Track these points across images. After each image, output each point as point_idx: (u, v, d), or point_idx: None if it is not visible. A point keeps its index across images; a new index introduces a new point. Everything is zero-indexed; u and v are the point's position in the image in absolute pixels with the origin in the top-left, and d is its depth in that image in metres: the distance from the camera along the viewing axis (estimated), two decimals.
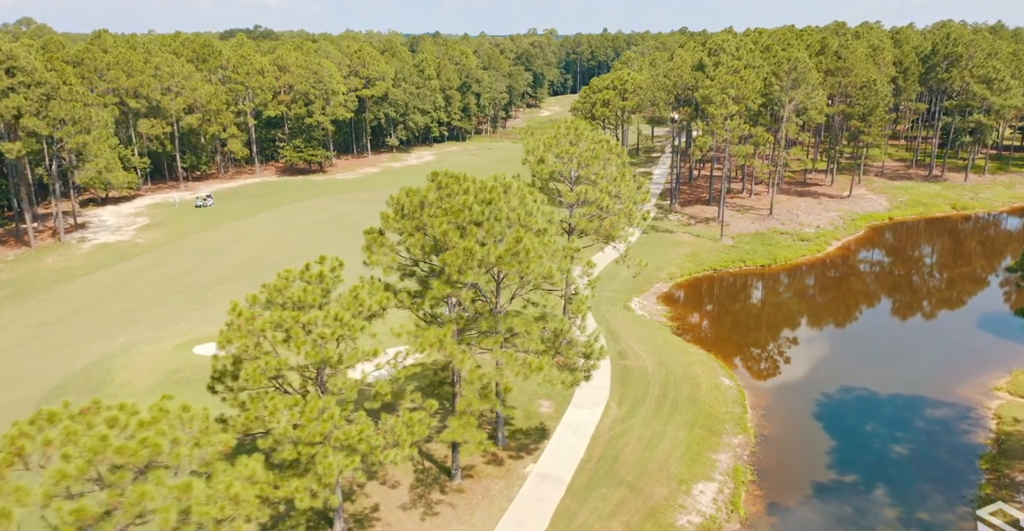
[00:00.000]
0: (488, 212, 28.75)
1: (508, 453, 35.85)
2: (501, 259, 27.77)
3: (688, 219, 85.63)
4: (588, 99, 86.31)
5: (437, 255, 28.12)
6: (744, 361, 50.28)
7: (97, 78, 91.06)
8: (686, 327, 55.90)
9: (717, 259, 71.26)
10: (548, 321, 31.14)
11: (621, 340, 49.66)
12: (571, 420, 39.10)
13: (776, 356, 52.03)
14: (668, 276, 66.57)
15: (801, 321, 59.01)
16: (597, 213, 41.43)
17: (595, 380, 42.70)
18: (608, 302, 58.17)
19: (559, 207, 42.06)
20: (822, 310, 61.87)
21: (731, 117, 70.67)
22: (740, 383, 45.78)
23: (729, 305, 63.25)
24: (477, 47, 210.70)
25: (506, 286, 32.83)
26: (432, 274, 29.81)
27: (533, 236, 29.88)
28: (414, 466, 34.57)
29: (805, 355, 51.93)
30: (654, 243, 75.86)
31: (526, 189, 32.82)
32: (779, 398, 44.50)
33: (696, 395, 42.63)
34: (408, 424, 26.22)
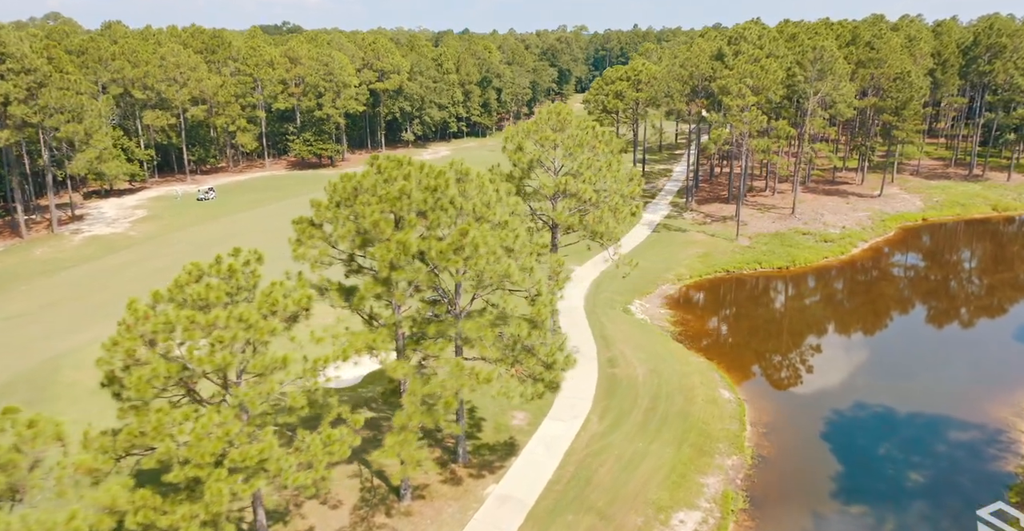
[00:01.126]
0: (433, 201, 25.23)
1: (469, 471, 32.28)
2: (443, 254, 24.22)
3: (704, 218, 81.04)
4: (601, 91, 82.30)
5: (371, 248, 24.67)
6: (749, 372, 45.95)
7: (101, 68, 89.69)
8: (689, 333, 51.68)
9: (730, 260, 66.73)
10: (507, 326, 27.50)
11: (613, 346, 45.72)
12: (545, 434, 35.39)
13: (785, 367, 47.58)
14: (676, 277, 62.31)
15: (817, 329, 54.35)
16: (580, 206, 37.63)
17: (578, 390, 38.97)
18: (606, 304, 54.22)
19: (543, 201, 38.39)
20: (842, 317, 57.07)
21: (748, 108, 66.03)
22: (741, 396, 41.54)
23: (739, 310, 58.79)
24: (502, 43, 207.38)
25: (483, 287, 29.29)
26: (372, 270, 26.40)
27: (487, 230, 26.29)
28: (361, 483, 31.21)
29: (818, 367, 47.40)
30: (664, 242, 71.56)
31: (488, 177, 29.26)
32: (784, 415, 40.18)
33: (689, 409, 38.56)
34: (327, 443, 22.83)
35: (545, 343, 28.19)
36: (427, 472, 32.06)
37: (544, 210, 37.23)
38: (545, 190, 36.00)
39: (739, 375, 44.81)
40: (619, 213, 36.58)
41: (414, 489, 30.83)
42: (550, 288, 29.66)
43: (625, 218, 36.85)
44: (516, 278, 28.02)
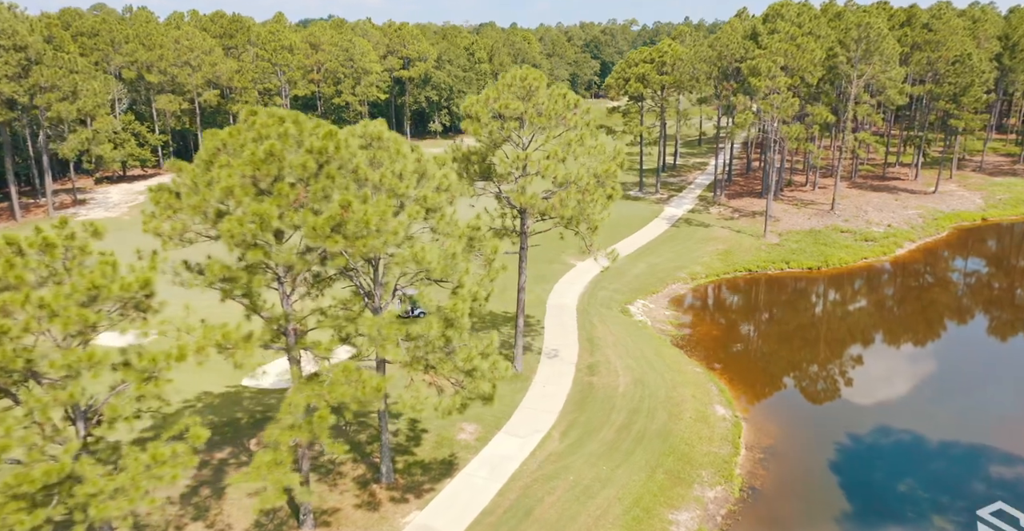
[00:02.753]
0: (316, 166, 20.40)
1: (392, 493, 27.39)
2: (316, 232, 19.35)
3: (732, 213, 74.30)
4: (622, 74, 76.35)
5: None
6: (754, 385, 39.81)
7: (113, 51, 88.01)
8: (693, 338, 45.70)
9: (754, 258, 60.14)
10: (416, 324, 22.48)
11: (598, 351, 40.17)
12: (493, 452, 30.23)
13: (799, 382, 41.23)
14: (689, 276, 56.16)
15: (845, 340, 47.63)
16: (551, 190, 32.28)
17: (545, 400, 33.76)
18: (602, 303, 48.60)
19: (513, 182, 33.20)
20: (877, 327, 50.12)
21: (777, 91, 59.28)
22: (739, 414, 35.57)
23: (755, 314, 52.35)
24: (543, 34, 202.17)
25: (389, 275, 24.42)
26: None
27: (387, 205, 21.31)
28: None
29: (840, 384, 40.94)
30: (682, 237, 65.33)
31: (406, 144, 24.29)
32: (789, 438, 34.10)
33: (672, 427, 32.86)
34: (151, 464, 18.23)
35: (465, 345, 23.06)
36: (342, 493, 27.32)
37: (511, 192, 32.00)
38: (501, 166, 30.79)
39: (741, 389, 38.74)
40: (589, 194, 31.08)
41: (321, 513, 26.12)
42: (481, 280, 24.48)
43: (598, 201, 31.30)
44: (433, 266, 23.05)
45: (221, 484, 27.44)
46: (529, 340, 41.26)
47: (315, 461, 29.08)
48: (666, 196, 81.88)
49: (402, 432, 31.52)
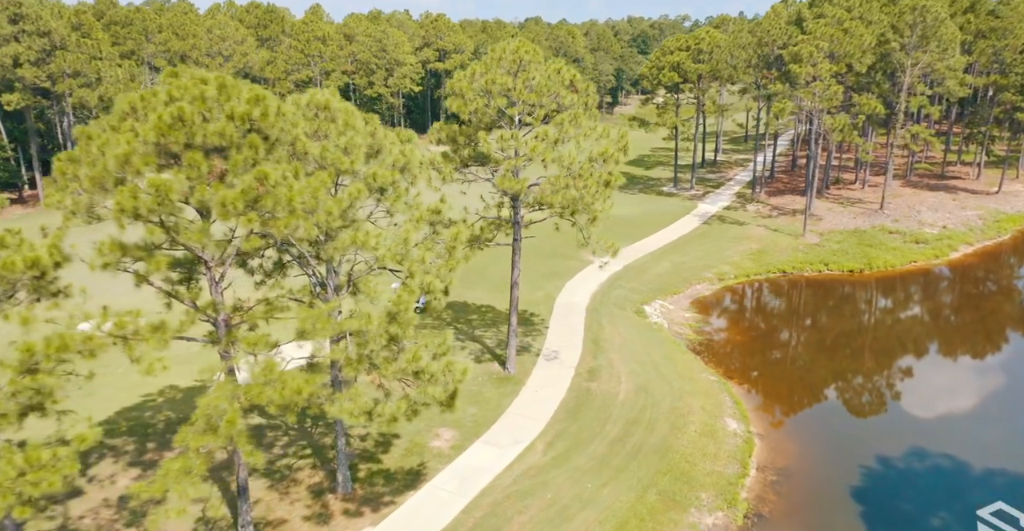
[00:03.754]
0: (239, 135, 17.84)
1: (347, 505, 24.76)
2: (227, 208, 16.77)
3: (770, 210, 69.69)
4: (656, 63, 72.40)
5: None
6: (774, 398, 35.97)
7: (145, 40, 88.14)
8: (712, 343, 41.94)
9: (790, 259, 55.74)
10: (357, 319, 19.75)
11: (602, 354, 36.87)
12: (467, 463, 27.34)
13: (827, 396, 37.15)
14: (716, 276, 52.20)
15: (884, 350, 43.19)
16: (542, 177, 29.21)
17: (535, 406, 30.78)
18: (616, 303, 45.17)
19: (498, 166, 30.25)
20: (922, 337, 45.46)
21: (819, 78, 54.73)
22: (753, 430, 31.86)
23: (785, 319, 48.16)
24: (589, 29, 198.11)
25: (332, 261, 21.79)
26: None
27: (321, 181, 18.66)
28: (203, 512, 24.29)
29: (873, 400, 36.79)
30: (713, 235, 61.23)
31: (360, 116, 21.59)
32: (809, 459, 30.29)
33: (673, 442, 29.42)
34: (28, 469, 15.92)
35: (413, 343, 20.23)
36: (292, 502, 24.81)
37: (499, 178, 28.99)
38: (485, 146, 27.81)
39: (760, 401, 34.96)
40: (582, 180, 27.83)
41: (264, 525, 23.67)
42: (438, 269, 21.60)
43: (591, 187, 28.03)
44: (381, 253, 20.32)
45: None
46: (529, 340, 38.22)
47: (270, 466, 26.69)
48: (701, 192, 77.61)
49: (372, 437, 28.91)
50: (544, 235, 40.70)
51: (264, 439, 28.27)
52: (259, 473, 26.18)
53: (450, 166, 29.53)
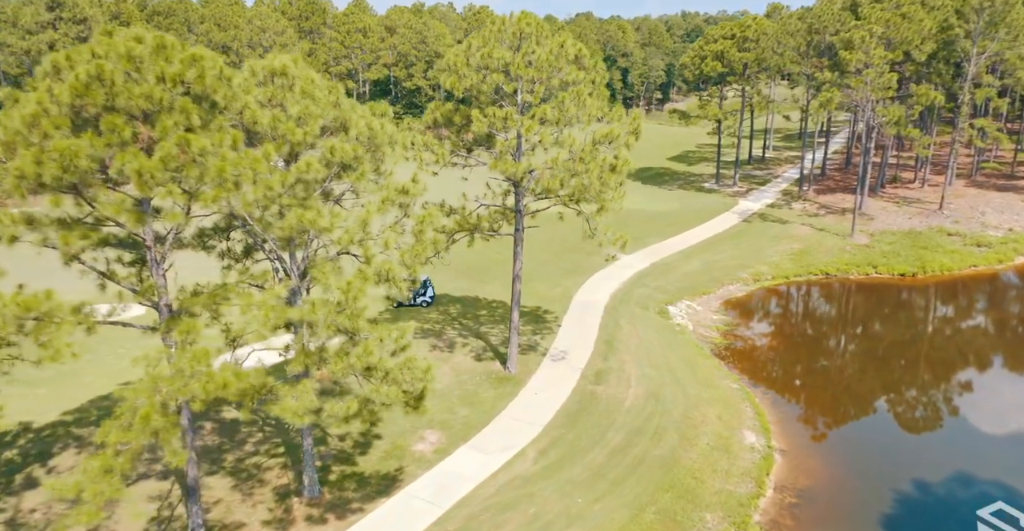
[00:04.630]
0: (170, 99, 16.02)
1: (311, 511, 22.84)
2: (144, 177, 14.93)
3: (818, 209, 65.45)
4: (699, 52, 68.79)
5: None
6: (801, 410, 32.72)
7: (187, 31, 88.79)
8: (739, 348, 38.75)
9: (835, 260, 51.82)
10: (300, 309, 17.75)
11: (614, 355, 34.18)
12: (449, 469, 25.13)
13: (863, 410, 33.67)
14: (751, 277, 48.76)
15: (933, 362, 39.28)
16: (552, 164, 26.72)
17: (533, 410, 28.50)
18: (638, 302, 42.31)
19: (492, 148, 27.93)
20: (979, 348, 41.29)
21: (871, 65, 50.63)
22: (775, 445, 28.77)
23: (822, 324, 44.48)
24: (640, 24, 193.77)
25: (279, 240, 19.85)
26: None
27: (265, 152, 16.74)
28: (158, 511, 22.70)
29: (917, 417, 33.21)
30: (751, 234, 57.61)
31: (322, 85, 19.61)
32: (835, 480, 27.10)
33: (680, 455, 26.63)
34: None
35: (367, 337, 18.11)
36: (254, 505, 23.03)
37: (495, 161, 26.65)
38: (477, 125, 25.46)
39: (784, 413, 31.76)
40: (583, 164, 25.25)
41: (221, 529, 21.93)
42: (403, 255, 19.42)
43: (593, 172, 25.42)
44: (337, 235, 18.29)
45: None
46: (537, 339, 35.79)
47: (238, 464, 25.00)
48: (744, 189, 73.67)
49: (351, 436, 26.95)
50: (568, 229, 38.27)
51: (237, 435, 26.63)
52: (224, 471, 24.53)
53: (444, 148, 27.33)
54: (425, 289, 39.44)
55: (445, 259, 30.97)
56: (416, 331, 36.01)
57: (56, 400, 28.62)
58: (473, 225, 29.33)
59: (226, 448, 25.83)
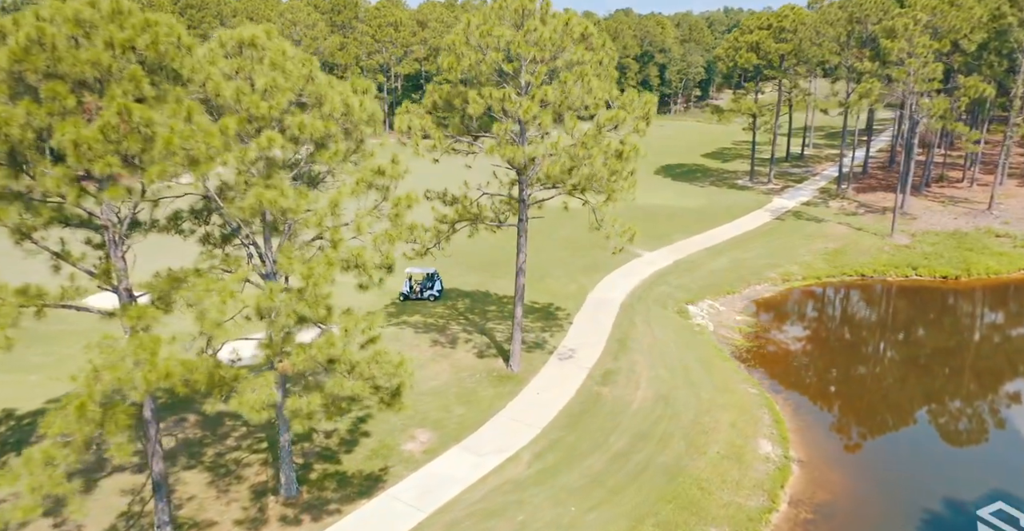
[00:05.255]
0: (118, 66, 14.92)
1: (287, 511, 21.66)
2: (80, 149, 13.83)
3: (856, 207, 62.40)
4: (733, 44, 66.19)
5: None
6: (825, 419, 30.50)
7: (220, 24, 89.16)
8: (762, 351, 36.57)
9: (871, 261, 49.05)
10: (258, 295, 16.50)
11: (625, 356, 32.39)
12: (437, 471, 23.72)
13: (894, 421, 31.30)
14: (780, 276, 46.34)
15: (975, 370, 36.52)
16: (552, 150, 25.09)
17: (536, 410, 27.10)
18: (657, 300, 40.36)
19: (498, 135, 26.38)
20: None
21: (915, 54, 47.70)
22: (792, 455, 26.68)
23: (853, 328, 41.90)
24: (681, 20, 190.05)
25: None
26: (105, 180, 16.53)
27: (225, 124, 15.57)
28: (128, 505, 21.77)
29: (954, 428, 30.74)
30: (784, 232, 55.02)
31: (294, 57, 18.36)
32: (857, 495, 24.96)
33: (687, 463, 24.78)
34: None
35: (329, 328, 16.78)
36: (229, 503, 21.94)
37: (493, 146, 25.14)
38: (473, 107, 23.97)
39: (807, 421, 29.59)
40: (586, 149, 23.56)
41: (190, 527, 20.88)
42: (375, 241, 18.03)
43: (596, 157, 23.71)
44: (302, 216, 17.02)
45: (97, 475, 22.93)
46: (546, 336, 34.18)
47: (217, 459, 23.98)
48: (780, 187, 70.80)
49: (339, 433, 25.75)
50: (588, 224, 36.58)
51: (220, 428, 25.63)
52: (203, 466, 23.53)
53: (442, 133, 25.92)
54: (432, 283, 38.13)
55: (446, 250, 29.68)
56: (419, 325, 34.92)
57: (45, 387, 28.00)
58: (474, 215, 27.88)
59: (207, 442, 24.85)
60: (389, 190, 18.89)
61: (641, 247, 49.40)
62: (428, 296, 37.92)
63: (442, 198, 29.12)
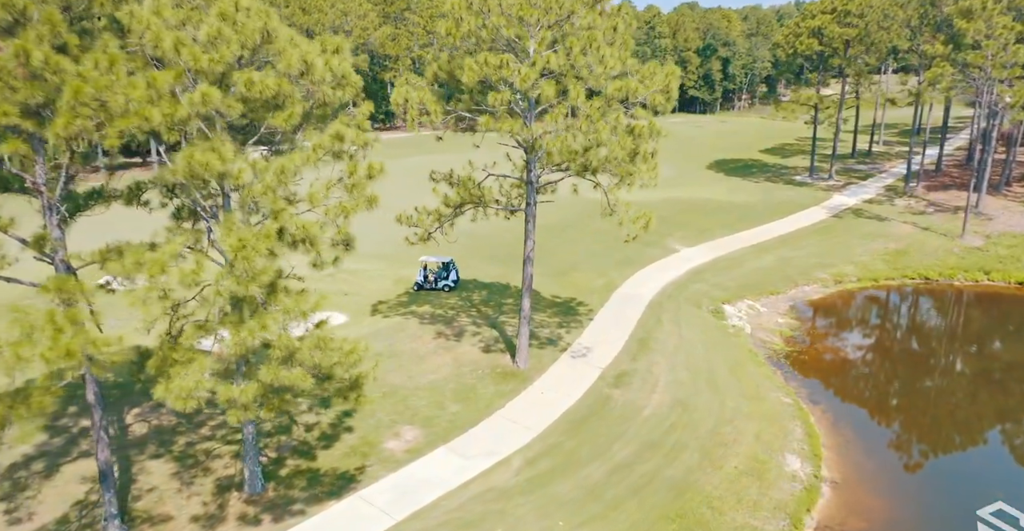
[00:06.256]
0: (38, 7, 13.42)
1: (247, 509, 20.01)
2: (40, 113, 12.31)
3: (925, 206, 57.45)
4: (794, 30, 61.90)
5: None
6: (868, 436, 27.10)
7: None
8: (803, 358, 33.22)
9: (937, 263, 44.64)
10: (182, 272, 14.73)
11: (644, 356, 29.67)
12: (417, 473, 21.70)
13: (950, 442, 27.63)
14: (832, 277, 42.54)
15: None
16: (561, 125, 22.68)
17: (537, 411, 24.93)
18: (689, 298, 37.36)
19: None
20: None
21: (994, 36, 43.06)
22: (823, 474, 23.58)
23: (913, 337, 37.88)
24: (749, 14, 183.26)
25: None
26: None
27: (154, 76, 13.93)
28: (85, 495, 20.48)
29: None
30: (840, 230, 50.89)
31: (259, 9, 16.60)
32: (898, 526, 21.72)
33: (697, 478, 22.04)
34: None
35: (269, 308, 14.88)
36: (189, 497, 20.43)
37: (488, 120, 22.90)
38: (467, 76, 21.74)
39: (846, 437, 26.31)
40: (592, 122, 21.04)
41: (143, 520, 19.45)
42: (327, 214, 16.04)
43: (601, 131, 21.17)
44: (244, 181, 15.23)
45: (61, 460, 21.80)
46: (561, 332, 31.77)
47: (187, 449, 22.56)
48: (841, 183, 66.10)
49: (320, 427, 24.03)
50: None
51: (197, 416, 24.22)
52: (171, 455, 22.15)
53: (440, 106, 23.83)
54: (448, 272, 36.18)
55: (449, 236, 27.63)
56: (426, 316, 32.98)
57: None
58: (477, 197, 25.74)
59: (181, 430, 23.49)
60: (354, 159, 16.90)
61: (680, 242, 46.36)
62: (443, 286, 35.99)
63: (448, 179, 27.08)
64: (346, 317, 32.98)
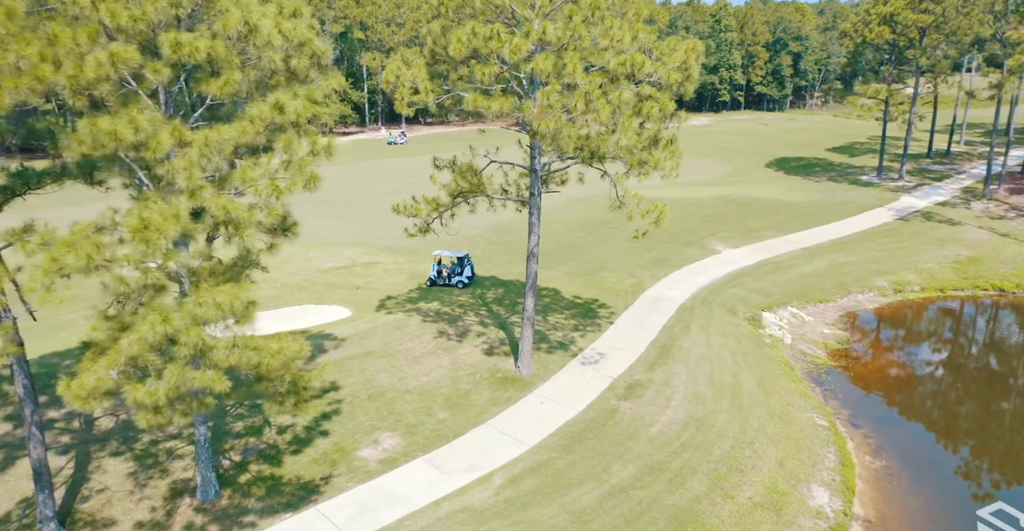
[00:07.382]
0: None
1: (195, 517, 18.39)
2: None
3: (1005, 210, 52.13)
4: (863, 17, 57.19)
5: None
6: (917, 468, 23.60)
7: (327, 7, 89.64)
8: (849, 374, 29.69)
9: (1015, 273, 39.99)
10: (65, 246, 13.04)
11: (663, 366, 26.87)
12: (386, 487, 19.67)
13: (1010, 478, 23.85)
14: (891, 285, 38.53)
15: None
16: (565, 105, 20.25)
17: (532, 423, 22.75)
18: (724, 303, 34.20)
19: None
20: None
21: None
22: (857, 512, 20.42)
23: (984, 356, 33.64)
24: (824, 7, 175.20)
25: None
26: None
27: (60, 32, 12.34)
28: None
29: None
30: (905, 234, 46.44)
31: None
32: None
33: (703, 509, 19.27)
34: None
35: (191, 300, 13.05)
36: (139, 501, 18.97)
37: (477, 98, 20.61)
38: (454, 49, 19.53)
39: (888, 468, 22.95)
40: (591, 102, 18.49)
41: (85, 523, 18.06)
42: (257, 191, 14.10)
43: (602, 111, 18.59)
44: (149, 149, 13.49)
45: (21, 452, 20.71)
46: (575, 336, 29.26)
47: (149, 449, 21.15)
48: (912, 184, 60.96)
49: (294, 429, 22.30)
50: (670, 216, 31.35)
51: None
52: (132, 454, 20.80)
53: (437, 84, 21.72)
54: (463, 268, 34.10)
55: (448, 226, 25.55)
56: (430, 314, 30.98)
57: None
58: (476, 185, 23.54)
59: None
60: (295, 135, 14.94)
61: (722, 243, 43.06)
62: (456, 283, 33.95)
63: (451, 166, 25.01)
64: (350, 311, 31.35)
